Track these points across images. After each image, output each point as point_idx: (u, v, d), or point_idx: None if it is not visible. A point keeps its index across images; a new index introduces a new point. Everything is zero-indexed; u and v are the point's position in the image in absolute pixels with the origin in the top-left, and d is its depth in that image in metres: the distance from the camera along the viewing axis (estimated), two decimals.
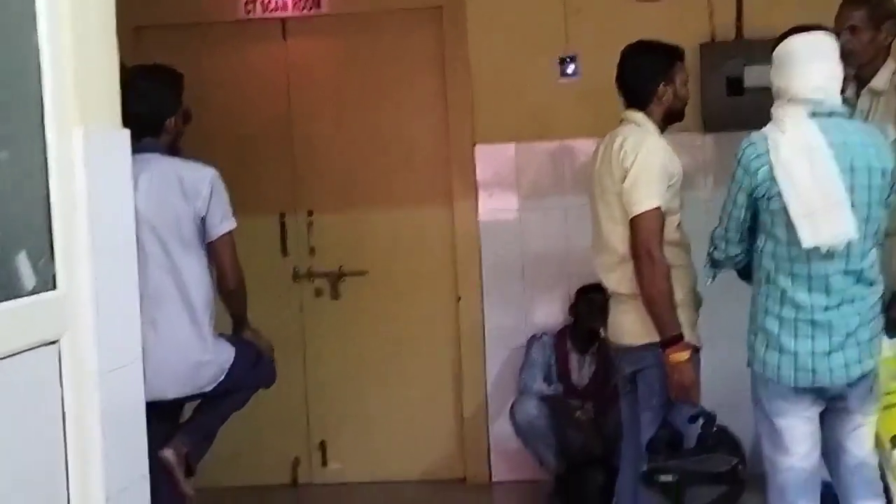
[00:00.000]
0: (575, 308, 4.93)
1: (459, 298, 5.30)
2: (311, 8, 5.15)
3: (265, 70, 5.30)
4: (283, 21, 5.26)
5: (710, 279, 3.34)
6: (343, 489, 5.19)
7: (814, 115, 3.02)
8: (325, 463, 5.36)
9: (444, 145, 5.29)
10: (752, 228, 3.13)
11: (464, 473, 5.35)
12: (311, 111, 5.30)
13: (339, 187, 5.30)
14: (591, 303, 4.69)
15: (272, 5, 5.15)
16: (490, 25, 5.14)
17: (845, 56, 3.21)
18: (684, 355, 3.22)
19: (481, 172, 5.23)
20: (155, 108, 2.91)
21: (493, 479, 5.29)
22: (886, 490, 3.30)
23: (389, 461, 5.34)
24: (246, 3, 5.15)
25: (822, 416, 3.15)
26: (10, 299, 2.06)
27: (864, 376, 3.09)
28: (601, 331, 4.40)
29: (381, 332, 5.33)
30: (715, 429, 3.25)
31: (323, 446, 5.35)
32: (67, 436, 2.29)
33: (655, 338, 3.25)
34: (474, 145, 5.22)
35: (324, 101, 5.31)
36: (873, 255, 3.10)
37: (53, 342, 2.24)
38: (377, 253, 5.32)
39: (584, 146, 4.78)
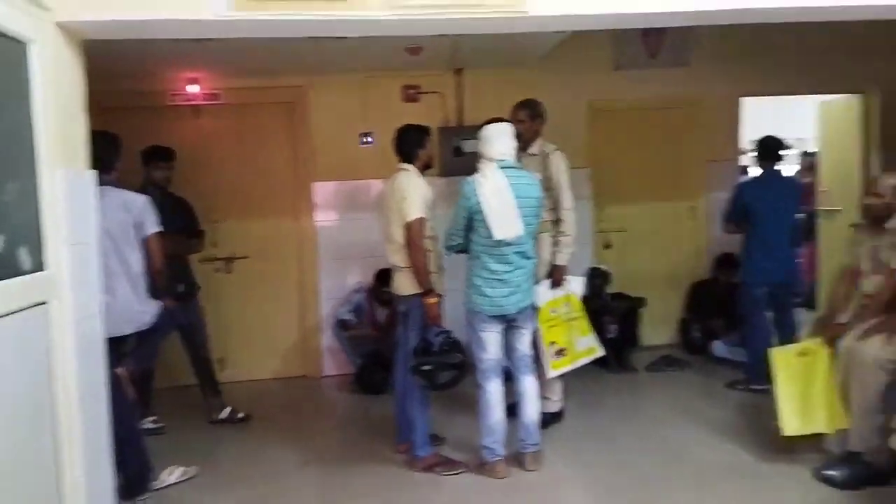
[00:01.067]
0: (373, 286, 4.86)
1: (304, 271, 5.15)
2: (212, 100, 4.89)
3: (186, 136, 4.92)
4: (197, 107, 4.92)
5: (448, 256, 3.40)
6: (235, 385, 4.87)
7: (501, 167, 3.12)
8: (222, 370, 4.99)
9: (295, 182, 5.12)
10: (468, 228, 3.19)
11: (305, 371, 5.21)
12: (215, 161, 5.00)
13: (233, 206, 5.02)
14: (381, 292, 4.67)
15: (189, 97, 4.83)
16: (323, 113, 5.03)
17: (517, 135, 3.33)
18: (434, 300, 3.24)
19: (316, 198, 5.10)
20: (101, 156, 2.70)
21: (323, 374, 5.18)
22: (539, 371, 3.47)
23: (261, 366, 5.16)
24: (173, 95, 4.82)
25: (505, 331, 3.27)
26: (16, 276, 1.98)
27: (525, 307, 3.26)
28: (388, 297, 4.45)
29: (257, 292, 5.11)
30: (451, 339, 3.27)
31: (222, 360, 4.99)
32: (52, 361, 2.19)
33: (418, 290, 3.26)
34: (312, 182, 5.08)
35: (223, 156, 5.03)
36: (531, 243, 3.26)
37: (44, 303, 2.15)
38: (255, 245, 5.09)
39: (375, 184, 4.72)
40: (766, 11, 2.79)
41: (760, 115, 5.71)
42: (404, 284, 3.35)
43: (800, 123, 6.60)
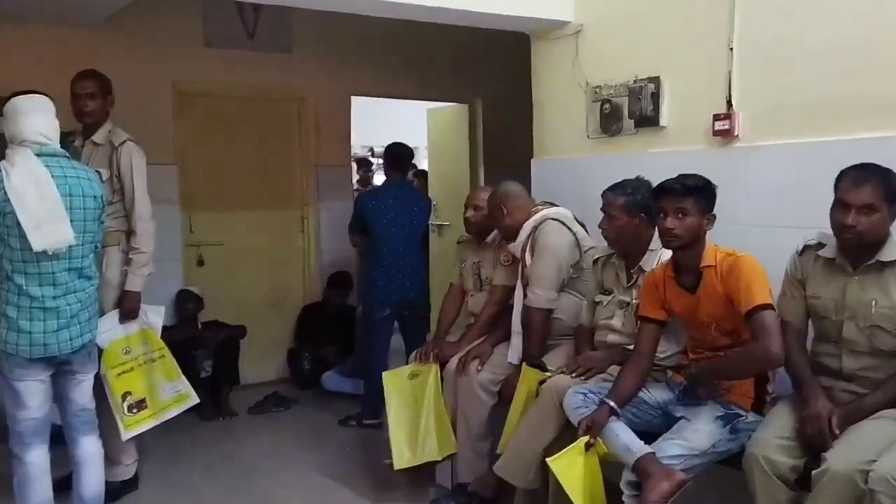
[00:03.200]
0: None
1: None
2: None
3: None
4: None
5: None
6: None
7: (40, 154, 2.79)
8: None
9: None
10: None
11: None
12: None
13: None
14: None
15: None
16: None
17: (83, 113, 3.41)
18: None
19: None
20: None
21: None
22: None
23: None
24: None
25: (54, 377, 2.93)
26: None
27: (84, 346, 2.95)
28: None
29: None
30: None
31: None
32: None
33: None
34: None
35: None
36: (91, 257, 2.97)
37: None
38: None
39: None
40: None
41: (369, 118, 6.29)
42: None
43: (410, 130, 7.46)
